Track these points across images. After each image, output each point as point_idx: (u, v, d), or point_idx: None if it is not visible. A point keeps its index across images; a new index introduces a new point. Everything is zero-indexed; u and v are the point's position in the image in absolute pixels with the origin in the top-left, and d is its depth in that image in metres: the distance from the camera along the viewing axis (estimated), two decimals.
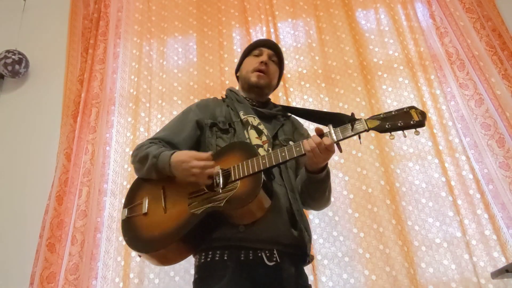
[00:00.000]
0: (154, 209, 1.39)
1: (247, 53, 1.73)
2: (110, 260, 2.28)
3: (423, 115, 1.24)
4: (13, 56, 2.80)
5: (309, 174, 1.39)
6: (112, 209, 2.39)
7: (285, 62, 2.74)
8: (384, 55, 2.76)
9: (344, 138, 1.26)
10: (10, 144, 2.72)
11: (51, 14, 3.15)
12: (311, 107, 2.61)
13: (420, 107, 2.49)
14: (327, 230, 2.27)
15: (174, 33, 2.98)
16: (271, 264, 1.30)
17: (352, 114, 1.31)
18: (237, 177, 1.30)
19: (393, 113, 1.26)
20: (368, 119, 1.26)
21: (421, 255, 2.17)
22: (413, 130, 1.24)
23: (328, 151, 1.27)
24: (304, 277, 1.40)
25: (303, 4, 2.96)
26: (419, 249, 2.18)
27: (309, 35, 2.86)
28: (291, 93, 2.65)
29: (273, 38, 2.81)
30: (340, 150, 1.28)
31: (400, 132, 1.25)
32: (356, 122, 1.26)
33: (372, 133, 2.42)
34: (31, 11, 3.15)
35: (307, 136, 1.66)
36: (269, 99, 1.74)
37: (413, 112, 1.24)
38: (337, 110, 2.56)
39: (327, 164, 1.39)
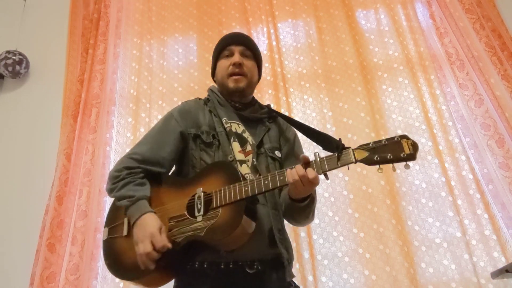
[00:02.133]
0: None
1: (217, 54, 1.59)
2: None
3: (414, 146, 1.15)
4: (13, 57, 2.80)
5: (291, 201, 1.32)
6: None
7: (285, 62, 2.78)
8: (384, 55, 2.76)
9: (329, 170, 1.20)
10: (10, 144, 2.72)
11: (51, 14, 3.15)
12: (311, 107, 2.62)
13: (420, 107, 2.51)
14: (327, 230, 2.27)
15: (175, 33, 2.98)
16: (251, 271, 1.27)
17: (340, 140, 1.24)
18: (218, 204, 1.24)
19: (383, 142, 1.18)
20: (356, 149, 1.20)
21: (421, 255, 2.17)
22: (404, 163, 1.15)
23: (311, 183, 1.20)
24: (287, 282, 1.35)
25: (303, 4, 2.97)
26: (419, 249, 2.18)
27: (309, 35, 2.87)
28: (291, 93, 2.65)
29: (273, 39, 2.81)
30: (327, 178, 1.23)
31: (389, 165, 1.17)
32: (343, 153, 1.19)
33: (372, 133, 2.43)
34: (31, 11, 3.15)
35: (294, 140, 1.58)
36: (253, 98, 1.61)
37: (404, 142, 1.16)
38: (337, 111, 2.56)
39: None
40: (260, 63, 1.63)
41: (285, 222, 1.46)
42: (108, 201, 2.43)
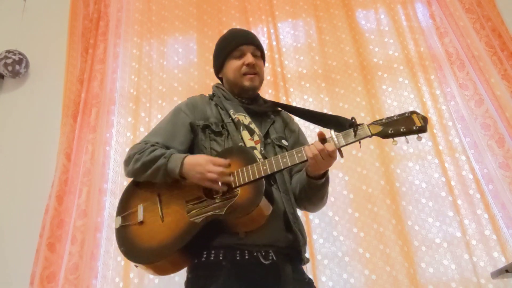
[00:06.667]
0: (150, 217, 1.33)
1: (227, 53, 1.58)
2: (110, 260, 2.28)
3: (425, 120, 1.22)
4: (13, 56, 2.80)
5: (310, 179, 1.36)
6: (112, 209, 2.39)
7: (285, 62, 2.77)
8: (384, 55, 2.76)
9: (346, 144, 1.25)
10: (10, 144, 2.72)
11: (51, 14, 3.15)
12: (311, 107, 2.61)
13: (420, 107, 2.51)
14: (327, 230, 2.27)
15: (175, 33, 2.98)
16: (267, 262, 1.28)
17: (353, 118, 1.28)
18: (237, 184, 1.26)
19: (395, 118, 1.25)
20: (370, 124, 1.25)
21: (421, 255, 2.17)
22: (416, 135, 1.22)
23: (330, 157, 1.25)
24: (301, 272, 1.39)
25: (303, 4, 2.96)
26: (419, 249, 2.18)
27: (309, 35, 2.87)
28: (291, 93, 2.65)
29: (273, 39, 2.81)
30: (342, 156, 1.26)
31: (402, 138, 1.24)
32: (359, 128, 1.24)
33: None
34: (31, 11, 3.15)
35: (298, 131, 1.63)
36: (259, 95, 1.65)
37: (415, 117, 1.23)
38: (337, 110, 2.56)
39: (327, 170, 1.37)
40: (265, 61, 1.68)
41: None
42: (108, 200, 2.43)
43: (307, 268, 2.14)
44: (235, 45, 1.57)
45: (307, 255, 2.15)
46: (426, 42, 2.75)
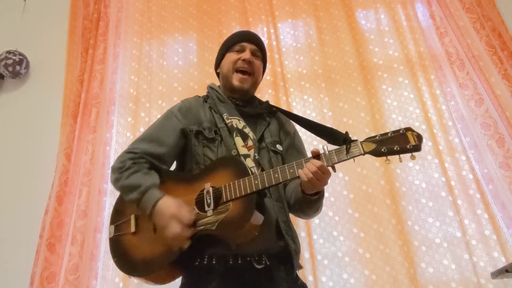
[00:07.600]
0: (143, 228, 1.33)
1: (227, 48, 1.58)
2: (110, 260, 2.28)
3: (419, 138, 1.21)
4: (13, 57, 2.80)
5: (305, 195, 1.34)
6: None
7: (285, 62, 2.78)
8: (384, 55, 2.76)
9: (338, 162, 1.24)
10: (10, 144, 2.72)
11: (51, 14, 3.16)
12: (311, 107, 2.61)
13: (420, 107, 2.51)
14: (327, 230, 2.27)
15: (174, 33, 2.98)
16: (260, 267, 1.28)
17: (346, 132, 1.27)
18: (228, 198, 1.25)
19: (389, 135, 1.22)
20: (363, 141, 1.23)
21: (421, 255, 2.17)
22: (409, 154, 1.21)
23: (323, 174, 1.23)
24: (294, 276, 1.37)
25: (303, 4, 2.96)
26: (419, 249, 2.18)
27: (309, 35, 2.87)
28: (291, 93, 2.65)
29: (273, 39, 2.81)
30: (334, 171, 1.25)
31: (396, 156, 1.22)
32: (352, 145, 1.22)
33: (372, 133, 2.42)
34: (31, 12, 3.15)
35: (294, 134, 1.60)
36: (254, 96, 1.63)
37: (409, 134, 1.22)
38: (337, 110, 2.56)
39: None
40: (266, 66, 1.65)
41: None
42: (108, 200, 2.43)
43: (307, 269, 2.15)
44: (237, 40, 1.58)
45: (306, 255, 2.17)
46: (426, 42, 2.75)
